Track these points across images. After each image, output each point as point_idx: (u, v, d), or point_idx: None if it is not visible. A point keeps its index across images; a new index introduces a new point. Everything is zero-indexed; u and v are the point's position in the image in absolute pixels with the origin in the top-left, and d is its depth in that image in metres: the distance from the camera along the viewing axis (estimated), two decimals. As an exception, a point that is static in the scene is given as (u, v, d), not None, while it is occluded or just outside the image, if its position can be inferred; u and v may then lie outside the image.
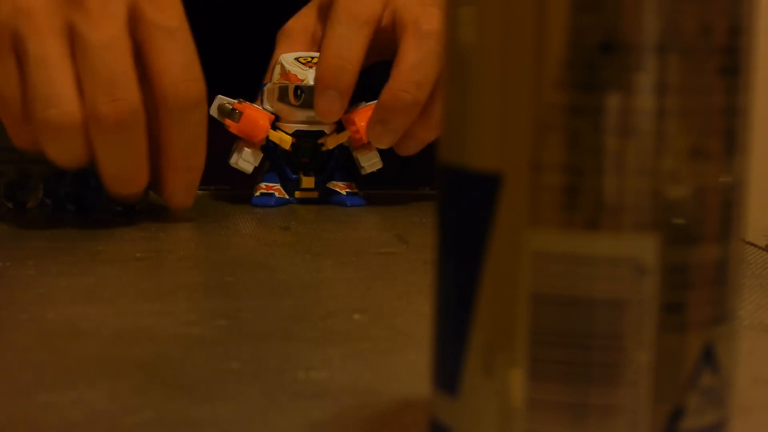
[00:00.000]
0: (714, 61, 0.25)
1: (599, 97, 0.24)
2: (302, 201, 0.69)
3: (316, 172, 0.68)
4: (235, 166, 0.67)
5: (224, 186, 0.73)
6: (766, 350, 0.40)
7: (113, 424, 0.31)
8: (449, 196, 0.26)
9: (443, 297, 0.27)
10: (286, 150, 0.67)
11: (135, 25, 0.56)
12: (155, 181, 0.61)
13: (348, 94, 0.65)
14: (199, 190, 0.71)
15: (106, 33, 0.54)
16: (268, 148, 0.67)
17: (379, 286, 0.49)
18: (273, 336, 0.40)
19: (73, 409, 0.32)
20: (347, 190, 0.69)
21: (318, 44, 0.68)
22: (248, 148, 0.67)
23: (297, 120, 0.67)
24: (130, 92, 0.55)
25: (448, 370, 0.27)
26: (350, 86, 0.65)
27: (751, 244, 0.57)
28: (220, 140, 0.67)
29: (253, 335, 0.40)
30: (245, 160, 0.67)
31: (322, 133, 0.67)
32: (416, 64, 0.64)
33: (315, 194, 0.69)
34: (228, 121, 0.66)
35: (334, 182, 0.69)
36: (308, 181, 0.68)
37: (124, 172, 0.58)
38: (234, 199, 0.70)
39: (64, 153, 0.56)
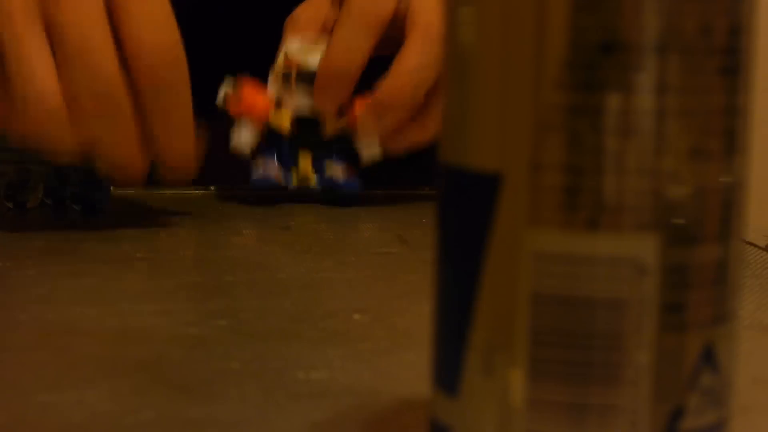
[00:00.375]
0: (714, 61, 0.25)
1: (599, 97, 0.24)
2: (300, 194, 0.68)
3: (315, 154, 0.68)
4: (233, 147, 0.67)
5: (224, 186, 0.73)
6: (766, 350, 0.40)
7: (113, 424, 0.31)
8: (449, 196, 0.26)
9: (443, 297, 0.27)
10: (285, 136, 0.67)
11: None
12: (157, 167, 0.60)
13: (347, 95, 0.65)
14: (199, 190, 0.71)
15: (79, 10, 0.54)
16: (269, 133, 0.67)
17: (379, 286, 0.49)
18: (273, 336, 0.40)
19: (73, 409, 0.32)
20: (344, 172, 0.68)
21: (328, 32, 0.67)
22: (247, 129, 0.66)
23: (298, 105, 0.67)
24: (106, 62, 0.54)
25: (448, 370, 0.27)
26: (350, 88, 0.65)
27: (751, 244, 0.57)
28: (221, 140, 0.67)
29: (253, 335, 0.40)
30: (243, 141, 0.67)
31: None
32: (419, 67, 0.63)
33: (312, 180, 0.68)
34: (228, 100, 0.66)
35: (331, 162, 0.68)
36: (305, 162, 0.68)
37: (119, 153, 0.57)
38: (234, 199, 0.70)
39: (52, 139, 0.55)
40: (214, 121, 0.66)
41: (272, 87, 0.67)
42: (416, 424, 0.31)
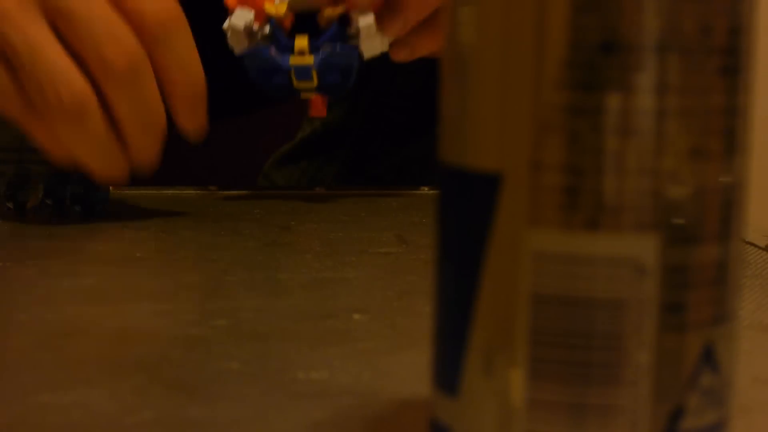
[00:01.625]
0: (714, 61, 0.25)
1: (599, 97, 0.24)
2: (297, 71, 0.65)
3: (311, 38, 0.65)
4: (227, 28, 0.64)
5: (224, 186, 0.73)
6: (766, 350, 0.40)
7: (113, 424, 0.31)
8: (449, 196, 0.26)
9: (443, 297, 0.27)
10: (281, 23, 0.65)
11: None
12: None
13: None
14: (199, 190, 0.71)
15: None
16: (266, 21, 0.65)
17: (379, 286, 0.49)
18: (273, 336, 0.40)
19: (73, 409, 0.32)
20: (340, 47, 0.65)
21: None
22: (241, 10, 0.65)
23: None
24: (126, 38, 0.55)
25: (448, 370, 0.27)
26: None
27: (751, 244, 0.57)
28: (221, 141, 0.67)
29: (253, 335, 0.40)
30: (237, 17, 0.64)
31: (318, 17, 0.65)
32: None
33: (309, 59, 0.65)
34: None
35: (327, 43, 0.65)
36: (301, 42, 0.65)
37: (149, 118, 0.57)
38: (234, 199, 0.70)
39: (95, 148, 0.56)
40: (217, 122, 0.66)
41: None
42: (416, 424, 0.31)
